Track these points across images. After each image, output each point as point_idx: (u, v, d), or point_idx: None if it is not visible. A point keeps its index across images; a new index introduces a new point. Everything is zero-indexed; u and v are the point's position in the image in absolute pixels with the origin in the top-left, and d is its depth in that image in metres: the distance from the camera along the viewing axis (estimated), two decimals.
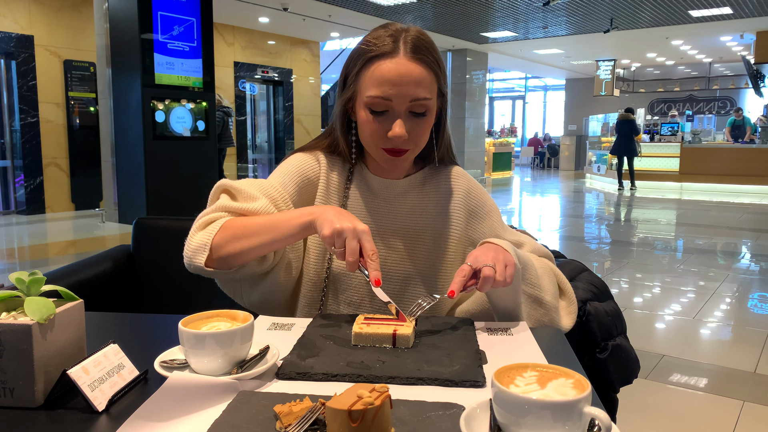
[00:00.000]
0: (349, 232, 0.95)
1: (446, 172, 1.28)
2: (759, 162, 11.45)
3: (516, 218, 8.66)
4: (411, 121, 1.12)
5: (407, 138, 1.11)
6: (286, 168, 1.21)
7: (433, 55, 1.13)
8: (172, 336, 0.85)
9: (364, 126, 1.14)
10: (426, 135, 1.16)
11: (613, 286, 4.46)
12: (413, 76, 1.09)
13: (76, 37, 8.48)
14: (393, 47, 1.10)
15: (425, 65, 1.10)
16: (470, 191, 1.28)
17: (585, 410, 0.58)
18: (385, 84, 1.08)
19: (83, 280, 1.50)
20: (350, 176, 1.24)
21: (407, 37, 1.11)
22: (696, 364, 2.94)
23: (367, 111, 1.12)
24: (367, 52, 1.11)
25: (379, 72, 1.09)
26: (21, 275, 0.77)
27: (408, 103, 1.09)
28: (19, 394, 0.72)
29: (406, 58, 1.09)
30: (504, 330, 1.01)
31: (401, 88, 1.08)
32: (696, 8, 9.77)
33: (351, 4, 9.36)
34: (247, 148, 11.20)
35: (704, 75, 18.73)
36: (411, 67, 1.09)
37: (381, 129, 1.11)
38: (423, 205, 1.24)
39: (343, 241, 0.95)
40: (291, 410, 0.66)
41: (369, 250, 0.95)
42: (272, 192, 1.13)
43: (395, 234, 1.21)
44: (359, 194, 1.23)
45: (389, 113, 1.11)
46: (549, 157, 20.72)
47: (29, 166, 8.16)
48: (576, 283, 1.42)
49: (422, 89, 1.10)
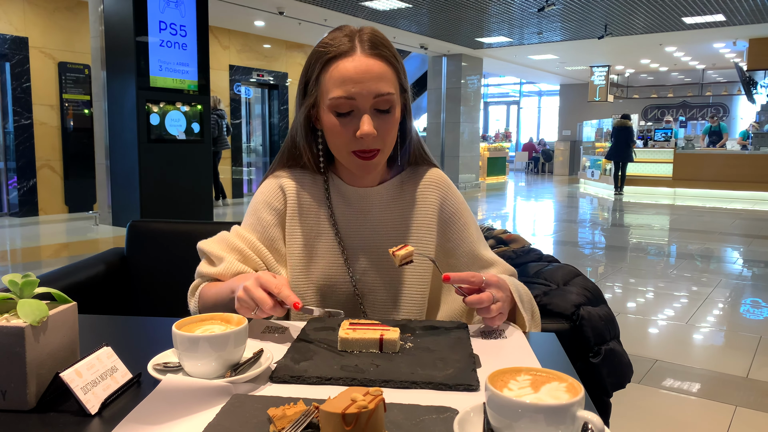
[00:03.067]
0: (246, 293, 0.96)
1: (423, 176, 1.25)
2: (751, 168, 11.53)
3: (510, 223, 8.67)
4: (377, 118, 1.10)
5: (376, 135, 1.09)
6: (254, 206, 1.22)
7: (390, 50, 1.12)
8: (166, 339, 0.85)
9: (331, 131, 1.12)
10: (394, 132, 1.15)
11: (607, 290, 4.47)
12: (374, 72, 1.08)
13: (70, 39, 8.46)
14: (350, 46, 1.09)
15: (384, 60, 1.10)
16: (446, 199, 1.24)
17: (578, 414, 0.58)
18: (347, 83, 1.07)
19: (76, 282, 1.49)
20: (327, 190, 1.22)
21: (362, 35, 1.11)
22: (689, 369, 2.95)
23: (332, 114, 1.10)
24: (324, 54, 1.10)
25: (339, 72, 1.08)
26: (14, 277, 0.77)
27: (372, 99, 1.08)
28: (12, 396, 0.71)
29: (364, 54, 1.09)
30: (498, 334, 1.02)
31: (363, 85, 1.07)
32: (689, 15, 9.83)
33: (346, 8, 9.38)
34: (242, 151, 11.18)
35: (697, 81, 18.86)
36: (370, 62, 1.08)
37: (348, 131, 1.10)
38: (399, 215, 1.22)
39: (251, 299, 0.95)
40: (285, 413, 0.66)
41: (272, 287, 0.95)
42: (238, 245, 1.16)
43: (371, 246, 1.20)
44: (337, 206, 1.21)
45: (354, 113, 1.09)
46: (543, 162, 20.79)
47: (23, 168, 8.12)
48: (569, 288, 1.43)
49: (384, 84, 1.09)
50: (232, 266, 1.13)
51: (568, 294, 1.37)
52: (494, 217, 9.28)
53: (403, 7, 9.30)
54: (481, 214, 9.31)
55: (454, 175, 13.27)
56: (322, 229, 1.20)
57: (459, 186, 13.14)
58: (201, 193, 7.36)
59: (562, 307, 1.34)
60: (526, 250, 1.76)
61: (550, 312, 1.34)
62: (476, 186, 13.96)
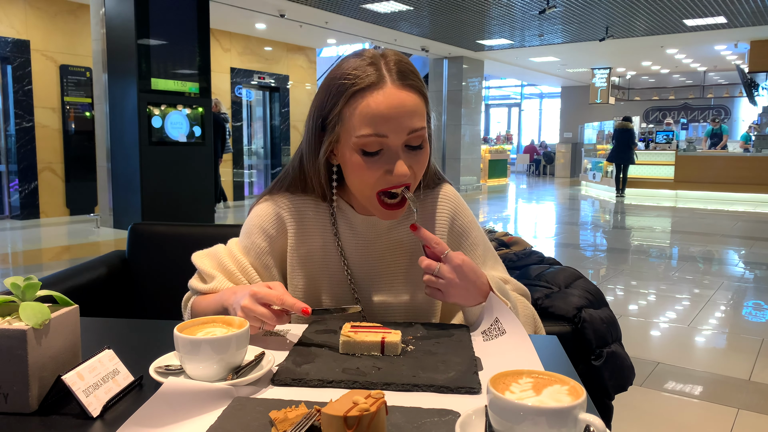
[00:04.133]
0: (247, 313, 0.94)
1: (433, 196, 1.17)
2: (753, 170, 11.52)
3: (512, 225, 8.67)
4: (409, 156, 1.00)
5: (410, 175, 1.00)
6: (249, 228, 1.16)
7: (419, 78, 1.02)
8: (168, 342, 0.85)
9: (356, 171, 1.01)
10: (425, 168, 1.06)
11: (609, 293, 4.47)
12: (407, 107, 0.98)
13: (72, 42, 8.48)
14: (378, 76, 0.98)
15: (415, 91, 1.00)
16: (456, 216, 1.17)
17: (580, 417, 0.58)
18: (378, 120, 0.96)
19: (78, 285, 1.49)
20: (333, 215, 1.13)
21: (389, 62, 1.00)
22: (691, 372, 2.95)
23: (358, 153, 0.99)
24: (349, 87, 0.98)
25: (368, 107, 0.97)
26: (16, 280, 0.77)
27: (405, 136, 0.98)
28: (14, 399, 0.71)
29: (395, 86, 0.98)
30: (499, 336, 1.01)
31: (396, 122, 0.97)
32: (690, 17, 9.84)
33: (347, 11, 9.39)
34: (243, 154, 11.19)
35: (699, 83, 18.86)
36: (402, 96, 0.98)
37: (375, 171, 0.99)
38: (407, 240, 1.15)
39: (254, 314, 0.94)
40: (286, 416, 0.66)
41: (274, 300, 0.94)
42: (229, 266, 1.12)
43: (380, 274, 1.14)
44: (345, 235, 1.14)
45: (384, 152, 0.99)
46: (544, 164, 20.79)
47: (24, 170, 8.14)
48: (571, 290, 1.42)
49: (417, 119, 0.99)
50: (222, 286, 1.11)
51: (569, 296, 1.37)
52: (495, 219, 9.28)
53: (404, 9, 9.31)
54: (482, 217, 9.31)
55: (455, 177, 13.27)
56: (329, 260, 1.14)
57: (460, 188, 13.15)
58: (202, 196, 7.37)
59: (564, 309, 1.34)
60: (527, 253, 1.76)
61: (551, 314, 1.34)
62: (477, 188, 13.96)
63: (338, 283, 1.14)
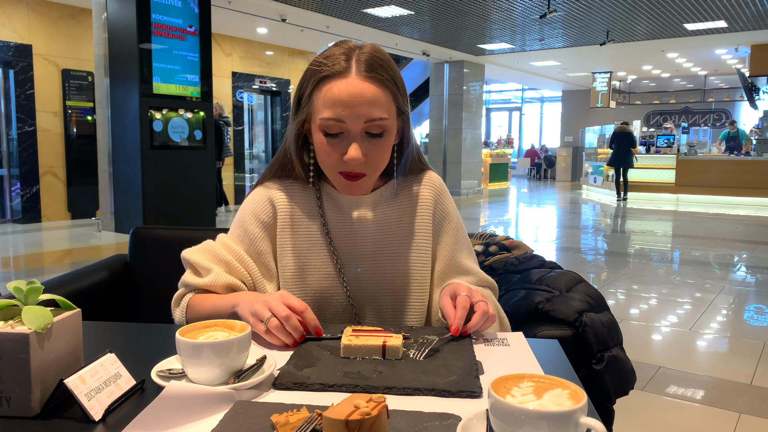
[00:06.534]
0: (286, 321, 0.96)
1: (418, 177, 1.24)
2: (754, 174, 11.51)
3: (513, 229, 8.66)
4: (367, 142, 1.07)
5: (364, 161, 1.07)
6: (241, 217, 1.20)
7: (389, 72, 1.08)
8: (169, 345, 0.85)
9: (320, 149, 1.10)
10: (385, 157, 1.12)
11: (610, 297, 4.46)
12: (366, 96, 1.04)
13: (74, 47, 8.51)
14: (345, 66, 1.05)
15: (379, 84, 1.06)
16: (439, 200, 1.23)
17: (581, 421, 0.58)
18: (338, 105, 1.04)
19: (80, 289, 1.50)
20: (320, 199, 1.20)
21: (360, 55, 1.06)
22: (692, 376, 2.94)
23: (322, 133, 1.07)
24: (318, 72, 1.07)
25: (331, 93, 1.05)
26: (19, 284, 0.77)
27: (363, 124, 1.05)
28: (16, 403, 0.72)
29: (359, 77, 1.05)
30: (501, 341, 1.02)
31: (354, 109, 1.04)
32: (691, 21, 9.85)
33: (349, 15, 9.42)
34: (244, 157, 11.21)
35: (699, 87, 18.86)
36: (364, 86, 1.04)
37: (336, 152, 1.07)
38: (395, 215, 1.20)
39: (266, 321, 0.96)
40: (288, 420, 0.67)
41: (297, 306, 0.97)
42: (225, 256, 1.15)
43: (366, 254, 1.18)
44: (330, 216, 1.19)
45: (344, 135, 1.06)
46: (545, 168, 20.79)
47: (26, 174, 8.15)
48: (572, 294, 1.42)
49: (377, 109, 1.05)
50: (220, 278, 1.12)
51: (570, 300, 1.37)
52: (496, 223, 9.28)
53: (405, 14, 9.33)
54: (483, 221, 9.31)
55: (456, 181, 13.28)
56: (315, 239, 1.18)
57: (461, 192, 13.15)
58: (203, 200, 7.37)
59: (565, 313, 1.34)
60: (528, 257, 1.76)
61: (552, 318, 1.34)
62: (478, 192, 13.96)
63: (324, 261, 1.18)
